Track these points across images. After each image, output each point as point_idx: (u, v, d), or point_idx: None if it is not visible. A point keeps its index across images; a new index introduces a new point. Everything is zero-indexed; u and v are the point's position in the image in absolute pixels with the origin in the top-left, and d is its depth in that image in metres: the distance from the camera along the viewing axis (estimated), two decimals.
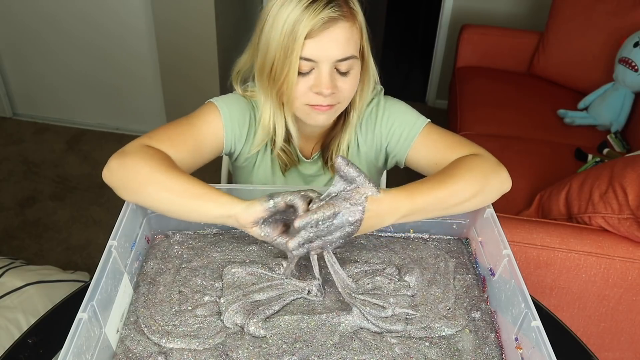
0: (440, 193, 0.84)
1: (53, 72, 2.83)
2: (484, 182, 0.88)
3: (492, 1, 2.88)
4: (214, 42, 2.48)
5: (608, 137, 2.11)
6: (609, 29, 2.28)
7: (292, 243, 0.77)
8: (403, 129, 1.02)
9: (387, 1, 3.68)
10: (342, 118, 1.04)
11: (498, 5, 2.89)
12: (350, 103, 1.01)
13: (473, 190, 0.86)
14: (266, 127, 1.00)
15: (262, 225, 0.79)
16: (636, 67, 2.09)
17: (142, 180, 0.83)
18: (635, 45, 2.09)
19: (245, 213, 0.78)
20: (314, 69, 0.90)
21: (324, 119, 0.96)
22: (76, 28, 2.65)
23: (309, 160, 1.10)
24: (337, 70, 0.91)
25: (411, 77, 3.68)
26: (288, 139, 1.05)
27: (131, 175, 0.84)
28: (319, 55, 0.88)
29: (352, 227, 0.76)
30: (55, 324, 0.93)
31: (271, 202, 0.77)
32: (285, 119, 0.99)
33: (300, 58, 0.87)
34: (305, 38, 0.86)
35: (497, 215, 0.89)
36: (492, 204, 0.91)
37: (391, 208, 0.79)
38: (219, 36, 2.49)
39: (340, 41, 0.88)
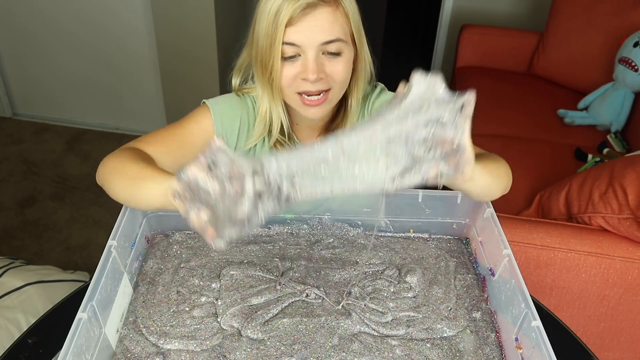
0: (489, 157, 0.85)
1: (53, 72, 2.82)
2: (509, 171, 0.89)
3: (492, 1, 2.88)
4: (214, 42, 2.48)
5: (608, 137, 2.10)
6: (609, 29, 2.27)
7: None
8: None
9: (387, 1, 3.68)
10: (342, 109, 1.03)
11: (498, 5, 2.88)
12: (347, 92, 1.01)
13: (507, 170, 0.88)
14: (263, 118, 1.00)
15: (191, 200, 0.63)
16: (636, 67, 2.08)
17: (109, 172, 0.84)
18: (635, 45, 2.09)
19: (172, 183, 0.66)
20: (300, 55, 0.90)
21: (316, 113, 0.95)
22: (76, 28, 2.65)
23: None
24: (326, 54, 0.90)
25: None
26: (285, 131, 1.04)
27: (103, 171, 0.85)
28: (302, 41, 0.88)
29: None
30: (55, 324, 0.93)
31: (181, 174, 0.62)
32: (280, 109, 0.98)
33: (284, 43, 0.88)
34: (287, 26, 0.87)
35: (497, 215, 0.89)
36: (492, 204, 0.91)
37: None
38: (219, 36, 2.49)
39: (323, 25, 0.88)
